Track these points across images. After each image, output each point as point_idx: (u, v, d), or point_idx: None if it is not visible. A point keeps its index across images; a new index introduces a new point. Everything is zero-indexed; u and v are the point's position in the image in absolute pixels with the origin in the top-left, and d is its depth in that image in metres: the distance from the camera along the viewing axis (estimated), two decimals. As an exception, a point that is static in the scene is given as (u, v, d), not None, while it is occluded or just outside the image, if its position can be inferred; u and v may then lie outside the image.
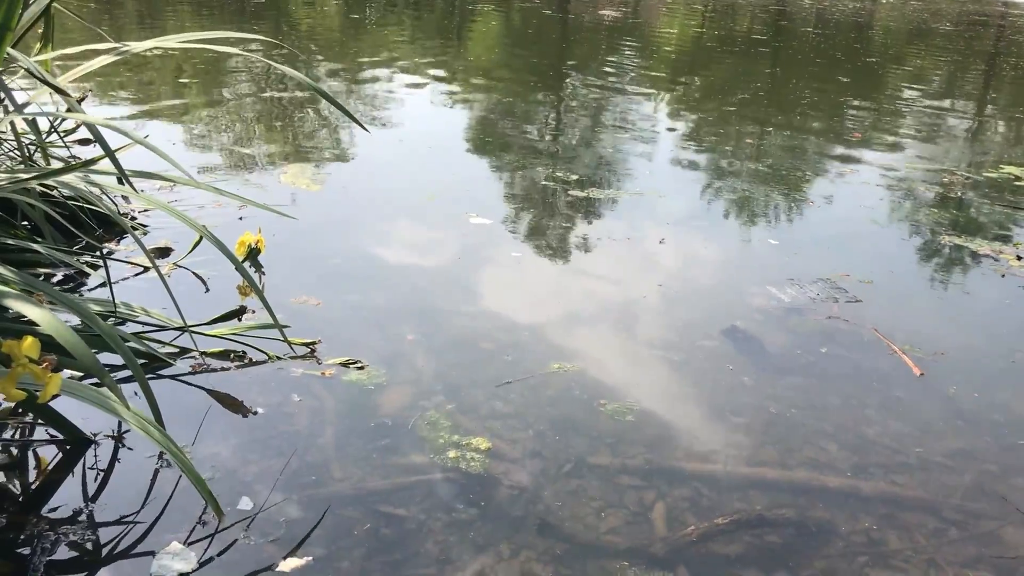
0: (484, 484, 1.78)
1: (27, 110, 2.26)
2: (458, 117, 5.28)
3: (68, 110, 3.08)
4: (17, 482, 1.70)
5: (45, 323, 1.26)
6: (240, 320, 2.22)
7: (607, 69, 7.47)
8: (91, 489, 1.68)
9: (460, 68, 7.18)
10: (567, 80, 6.80)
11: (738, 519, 1.75)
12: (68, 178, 1.79)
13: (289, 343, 2.14)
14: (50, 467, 1.73)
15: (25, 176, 1.69)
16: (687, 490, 1.84)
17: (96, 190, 2.65)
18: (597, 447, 1.94)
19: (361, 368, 2.14)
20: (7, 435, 1.83)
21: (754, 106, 6.22)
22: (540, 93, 6.23)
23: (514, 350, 2.33)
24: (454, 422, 1.97)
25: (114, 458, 1.77)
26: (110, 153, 1.46)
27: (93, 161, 1.75)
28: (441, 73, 6.74)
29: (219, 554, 1.53)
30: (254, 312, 2.33)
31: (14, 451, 1.79)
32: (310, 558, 1.53)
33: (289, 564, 1.51)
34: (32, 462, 1.75)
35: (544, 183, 3.89)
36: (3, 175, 1.70)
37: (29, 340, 1.20)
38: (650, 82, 6.99)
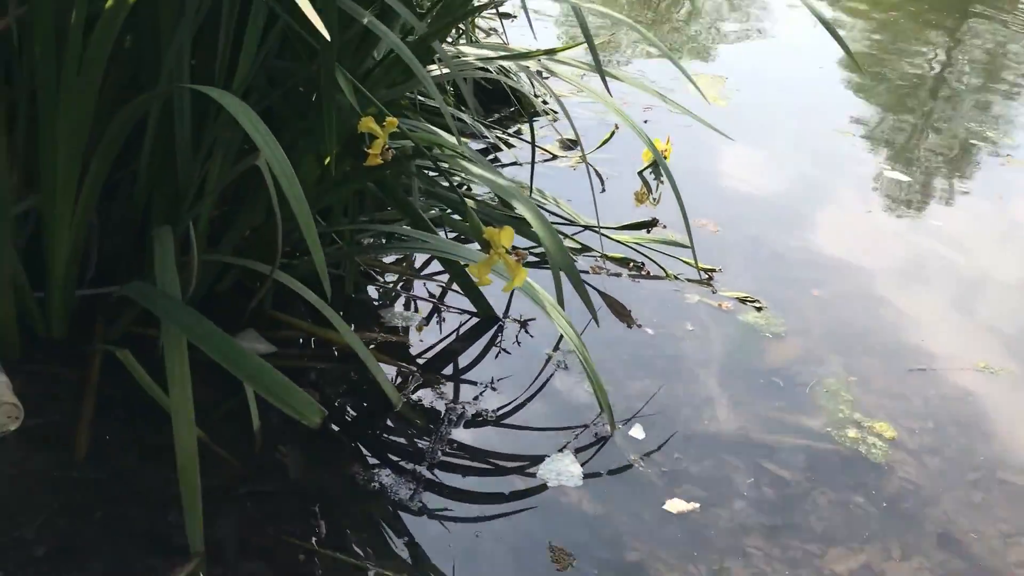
0: (879, 472, 1.62)
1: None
2: (873, 49, 4.82)
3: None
4: (426, 341, 1.80)
5: (536, 225, 1.28)
6: (649, 232, 2.18)
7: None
8: (491, 367, 1.74)
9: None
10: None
11: None
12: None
13: (697, 267, 2.06)
14: (456, 335, 1.82)
15: (493, 55, 1.73)
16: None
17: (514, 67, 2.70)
18: (1010, 462, 1.70)
19: (759, 309, 2.02)
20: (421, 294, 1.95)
21: None
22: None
23: (928, 335, 2.08)
24: (855, 397, 1.80)
25: (515, 342, 1.82)
26: (592, 44, 1.43)
27: (555, 51, 1.75)
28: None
29: (608, 473, 1.52)
30: (664, 227, 2.28)
31: (425, 311, 1.89)
32: (697, 505, 1.47)
33: (676, 505, 1.46)
34: (440, 327, 1.84)
35: (973, 143, 3.43)
36: (471, 49, 1.75)
37: (508, 231, 1.21)
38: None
